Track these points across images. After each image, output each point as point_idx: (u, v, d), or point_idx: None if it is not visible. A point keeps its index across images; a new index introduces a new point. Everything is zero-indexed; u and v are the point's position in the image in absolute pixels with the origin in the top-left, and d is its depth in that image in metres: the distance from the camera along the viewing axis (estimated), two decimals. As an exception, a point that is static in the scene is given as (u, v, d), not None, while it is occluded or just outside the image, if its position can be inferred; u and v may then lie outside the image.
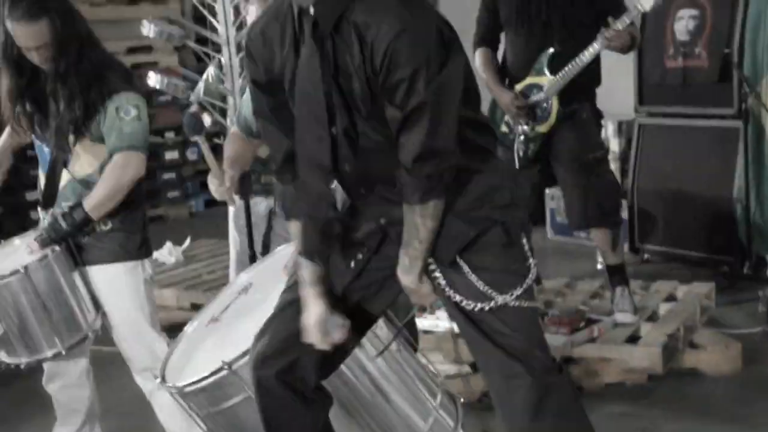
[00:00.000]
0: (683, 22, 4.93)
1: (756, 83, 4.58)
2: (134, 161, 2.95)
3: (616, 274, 4.23)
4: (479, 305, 2.15)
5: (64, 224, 2.94)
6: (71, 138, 2.96)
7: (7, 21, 2.85)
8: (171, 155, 6.92)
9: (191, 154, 6.98)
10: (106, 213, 2.97)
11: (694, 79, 4.91)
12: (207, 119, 3.88)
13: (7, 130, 3.19)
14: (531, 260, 2.20)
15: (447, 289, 2.18)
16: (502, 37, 4.31)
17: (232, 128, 3.24)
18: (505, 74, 4.26)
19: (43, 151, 3.09)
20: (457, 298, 2.17)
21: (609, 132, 5.57)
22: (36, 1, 2.85)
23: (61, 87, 2.91)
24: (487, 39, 4.26)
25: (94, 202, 2.94)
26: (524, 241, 2.21)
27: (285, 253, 2.87)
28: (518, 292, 2.15)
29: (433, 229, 2.12)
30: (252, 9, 3.79)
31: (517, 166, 4.22)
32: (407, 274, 2.17)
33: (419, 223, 2.11)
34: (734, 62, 4.64)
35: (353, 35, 1.98)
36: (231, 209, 3.62)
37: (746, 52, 4.65)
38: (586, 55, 3.99)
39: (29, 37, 2.85)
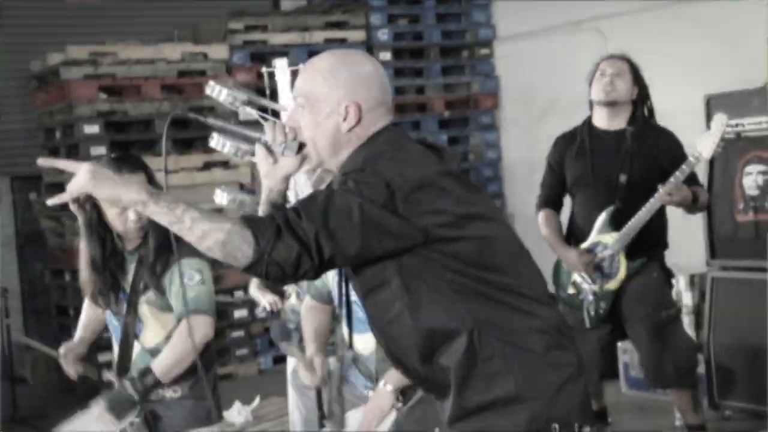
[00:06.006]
0: (752, 177, 4.91)
1: (831, 237, 4.50)
2: (201, 325, 3.00)
3: (698, 436, 4.09)
4: None
5: (133, 391, 2.96)
6: (141, 308, 3.03)
7: None
8: (240, 313, 6.99)
9: (260, 312, 7.04)
10: (175, 376, 2.99)
11: (767, 233, 4.85)
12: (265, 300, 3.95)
13: (87, 303, 3.27)
14: None
15: None
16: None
17: (306, 300, 3.28)
18: (571, 234, 4.28)
19: (113, 322, 3.15)
20: None
21: (681, 285, 5.48)
22: (135, 157, 3.11)
23: (144, 252, 3.01)
24: (551, 201, 4.32)
25: (163, 367, 2.97)
26: None
27: (353, 419, 2.84)
28: None
29: (191, 230, 1.95)
30: (302, 178, 3.87)
31: (587, 325, 4.18)
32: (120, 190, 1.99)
33: (202, 215, 1.95)
34: (807, 216, 4.58)
35: None
36: (289, 369, 3.61)
37: (818, 205, 4.59)
38: (644, 211, 4.02)
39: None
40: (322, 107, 2.13)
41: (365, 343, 3.00)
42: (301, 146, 2.17)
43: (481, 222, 2.07)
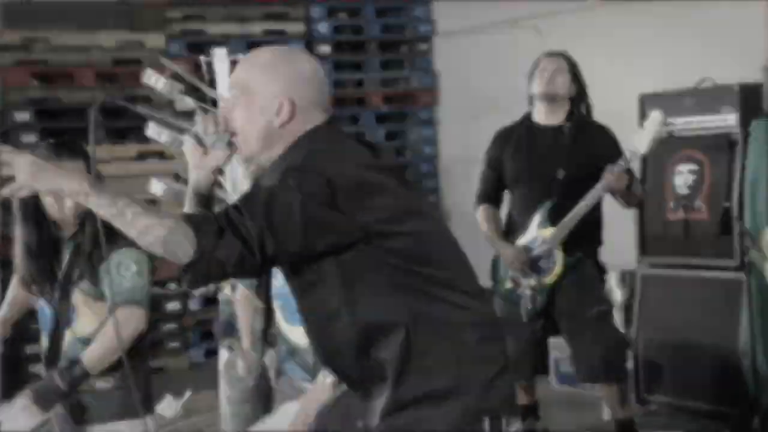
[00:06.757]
0: (682, 177, 5.01)
1: (756, 237, 4.61)
2: (134, 317, 2.96)
3: (625, 430, 4.16)
4: None
5: (61, 383, 2.90)
6: (74, 296, 2.98)
7: None
8: (172, 306, 6.91)
9: (193, 305, 6.97)
10: (105, 368, 2.95)
11: (696, 232, 4.95)
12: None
13: (14, 283, 3.20)
14: None
15: None
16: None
17: (241, 290, 3.26)
18: (510, 229, 4.33)
19: (45, 312, 3.09)
20: None
21: (612, 282, 5.57)
22: (75, 143, 3.00)
23: (80, 240, 2.95)
24: (490, 196, 4.36)
25: (93, 357, 2.93)
26: None
27: (290, 411, 2.83)
28: None
29: (132, 224, 1.94)
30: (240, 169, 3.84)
31: (524, 319, 4.24)
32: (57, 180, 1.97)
33: (144, 210, 1.96)
34: (734, 216, 4.69)
35: None
36: (221, 360, 3.59)
37: (746, 205, 4.69)
38: (581, 206, 4.08)
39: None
40: (256, 100, 2.13)
41: (303, 335, 2.98)
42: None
43: (418, 217, 2.09)
